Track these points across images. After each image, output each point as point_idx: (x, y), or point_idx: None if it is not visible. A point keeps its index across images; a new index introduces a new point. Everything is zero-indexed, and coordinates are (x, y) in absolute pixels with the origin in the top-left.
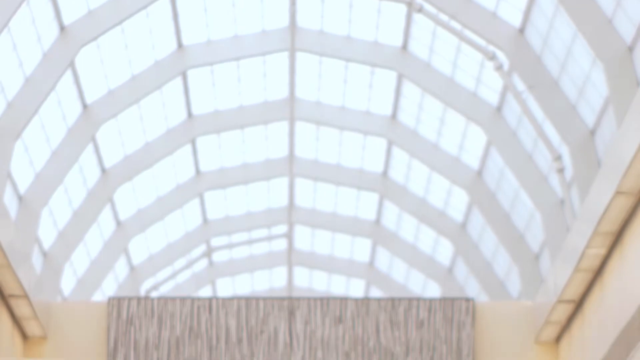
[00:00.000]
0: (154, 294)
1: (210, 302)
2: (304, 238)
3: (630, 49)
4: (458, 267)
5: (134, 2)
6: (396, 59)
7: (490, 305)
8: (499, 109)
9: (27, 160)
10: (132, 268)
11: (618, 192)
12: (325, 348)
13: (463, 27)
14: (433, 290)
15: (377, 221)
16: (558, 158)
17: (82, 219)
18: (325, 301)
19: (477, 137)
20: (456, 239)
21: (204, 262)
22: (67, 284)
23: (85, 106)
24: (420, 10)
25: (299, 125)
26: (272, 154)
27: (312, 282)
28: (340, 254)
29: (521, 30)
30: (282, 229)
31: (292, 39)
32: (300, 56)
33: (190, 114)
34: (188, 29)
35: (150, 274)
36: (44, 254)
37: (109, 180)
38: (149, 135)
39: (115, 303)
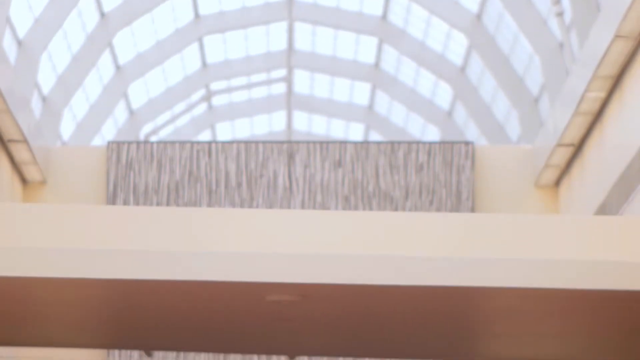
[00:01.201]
0: (154, 139)
1: (209, 146)
2: (303, 82)
3: None
4: (457, 111)
5: None
6: None
7: (489, 148)
8: None
9: (26, 5)
10: (131, 112)
11: (617, 36)
12: (324, 192)
13: None
14: (432, 134)
15: (377, 65)
16: (557, 1)
17: (82, 64)
18: (325, 145)
19: None
20: (455, 82)
21: (203, 107)
22: (67, 128)
23: None
24: None
25: None
26: None
27: (312, 126)
28: (340, 97)
29: None
30: (281, 72)
31: None
32: None
33: None
34: None
35: (150, 119)
36: (43, 99)
37: (108, 24)
38: None
39: (115, 147)
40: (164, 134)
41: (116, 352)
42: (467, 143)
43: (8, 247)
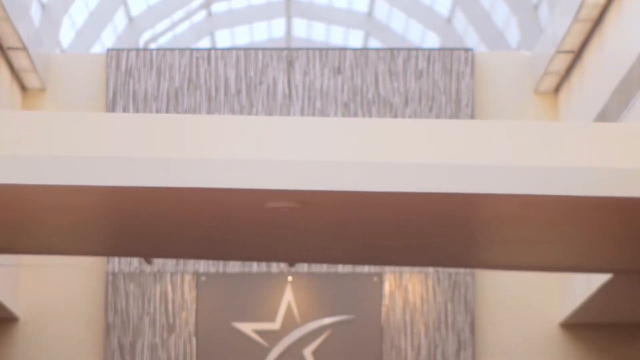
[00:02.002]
0: (153, 46)
1: (209, 53)
2: None
3: None
4: (457, 18)
5: None
6: None
7: (489, 55)
8: None
9: None
10: (130, 20)
11: None
12: (324, 98)
13: None
14: (432, 41)
15: None
16: None
17: None
18: (324, 52)
19: None
20: None
21: (202, 14)
22: (66, 36)
23: None
24: None
25: None
26: None
27: (311, 33)
28: (339, 4)
29: None
30: None
31: None
32: None
33: None
34: None
35: (149, 26)
36: (43, 6)
37: None
38: None
39: (114, 55)
40: (163, 41)
41: (116, 259)
42: (466, 50)
43: (7, 155)
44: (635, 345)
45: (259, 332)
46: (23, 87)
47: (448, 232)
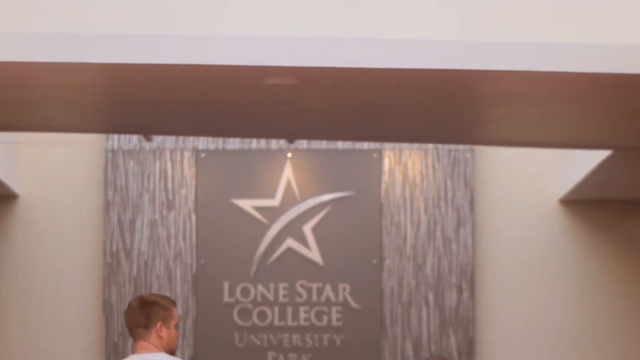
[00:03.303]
0: None
1: None
2: None
3: None
4: None
5: None
6: None
7: None
8: None
9: None
10: None
11: None
12: None
13: None
14: None
15: None
16: None
17: None
18: None
19: None
20: None
21: None
22: None
23: None
24: None
25: None
26: None
27: None
28: None
29: None
30: None
31: None
32: None
33: None
34: None
35: None
36: None
37: None
38: None
39: None
40: None
41: (115, 136)
42: None
43: (7, 33)
44: (634, 222)
45: (259, 209)
46: None
47: (447, 108)
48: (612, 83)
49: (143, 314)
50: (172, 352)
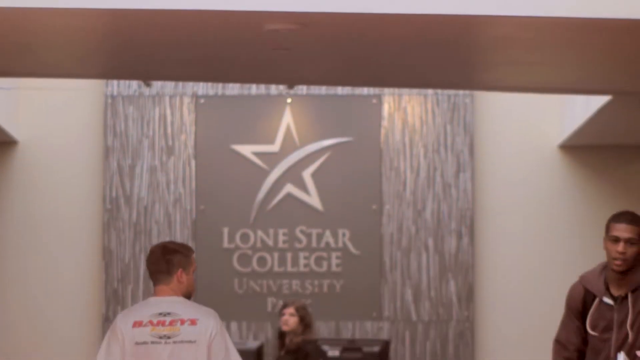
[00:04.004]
0: None
1: None
2: None
3: None
4: None
5: None
6: None
7: None
8: None
9: None
10: None
11: None
12: None
13: None
14: None
15: None
16: None
17: None
18: None
19: None
20: None
21: None
22: None
23: None
24: None
25: None
26: None
27: None
28: None
29: None
30: None
31: None
32: None
33: None
34: None
35: None
36: None
37: None
38: None
39: None
40: None
41: (115, 82)
42: None
43: None
44: (633, 167)
45: (258, 154)
46: None
47: (446, 54)
48: (609, 28)
49: (165, 260)
50: (189, 296)
